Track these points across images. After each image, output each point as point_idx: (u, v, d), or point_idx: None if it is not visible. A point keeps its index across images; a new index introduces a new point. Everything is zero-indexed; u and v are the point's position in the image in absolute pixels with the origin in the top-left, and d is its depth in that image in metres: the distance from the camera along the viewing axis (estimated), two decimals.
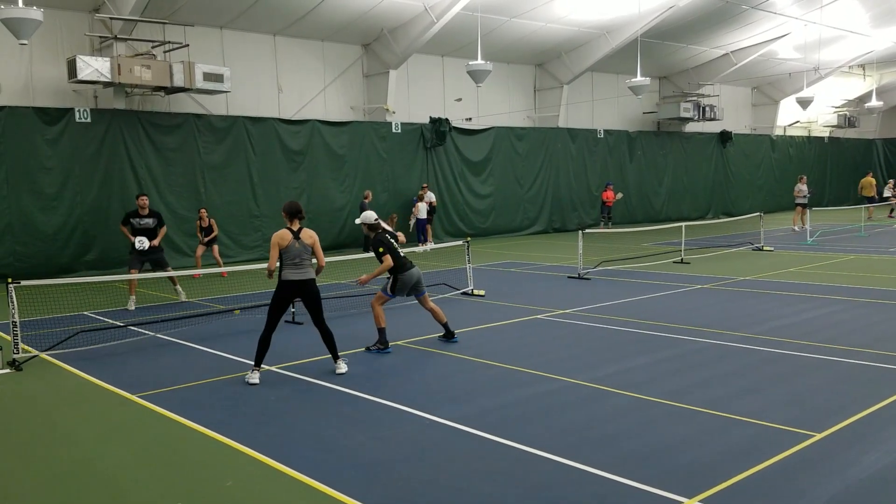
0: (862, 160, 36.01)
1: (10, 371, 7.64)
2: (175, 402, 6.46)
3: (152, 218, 11.43)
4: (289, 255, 7.02)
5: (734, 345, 8.11)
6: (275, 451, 5.20)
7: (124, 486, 4.76)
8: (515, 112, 23.56)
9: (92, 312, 11.00)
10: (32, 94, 15.08)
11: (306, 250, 7.10)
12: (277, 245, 7.00)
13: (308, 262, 7.14)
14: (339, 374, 7.17)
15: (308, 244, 7.11)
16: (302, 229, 7.16)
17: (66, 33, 15.26)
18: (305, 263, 7.11)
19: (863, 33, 25.43)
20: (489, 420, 5.78)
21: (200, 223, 15.07)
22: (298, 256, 7.05)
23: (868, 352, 7.66)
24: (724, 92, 29.48)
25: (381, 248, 8.26)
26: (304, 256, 7.08)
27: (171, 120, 16.47)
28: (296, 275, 7.05)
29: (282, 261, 7.06)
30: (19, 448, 5.53)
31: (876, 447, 5.08)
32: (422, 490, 4.59)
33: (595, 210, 25.49)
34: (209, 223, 14.99)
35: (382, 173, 20.09)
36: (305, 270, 7.11)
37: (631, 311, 10.20)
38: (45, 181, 14.83)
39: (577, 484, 4.61)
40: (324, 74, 19.40)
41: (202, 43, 16.80)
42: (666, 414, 5.87)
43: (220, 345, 8.65)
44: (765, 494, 4.39)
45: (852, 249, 17.25)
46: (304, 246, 7.08)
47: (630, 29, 21.01)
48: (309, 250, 7.13)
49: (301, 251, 7.06)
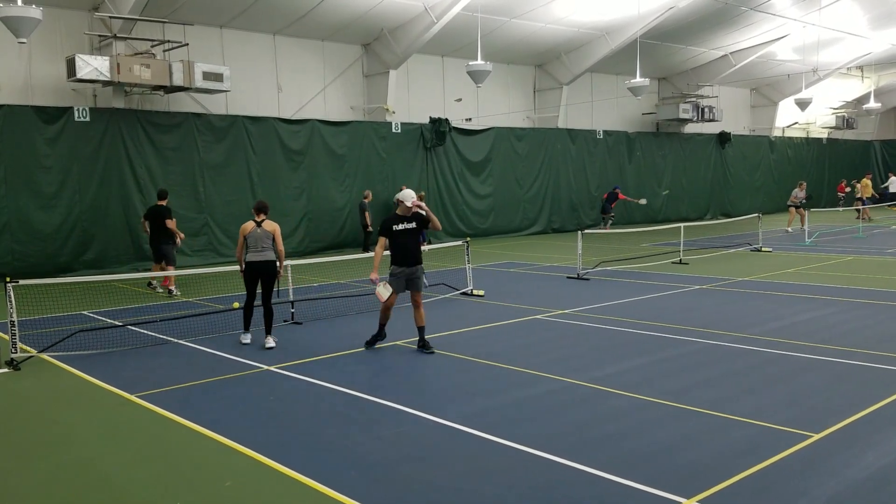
0: (860, 162, 36.07)
1: (9, 371, 7.63)
2: (174, 401, 6.45)
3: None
4: (251, 241, 8.37)
5: (733, 345, 8.12)
6: (274, 452, 5.20)
7: (123, 486, 4.76)
8: (515, 112, 23.57)
9: (90, 312, 10.98)
10: (31, 92, 15.06)
11: (267, 236, 8.35)
12: (242, 233, 8.40)
13: (268, 248, 8.38)
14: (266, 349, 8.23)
15: (269, 231, 8.37)
16: (265, 221, 8.43)
17: (66, 32, 15.24)
18: (265, 248, 8.36)
19: (861, 35, 25.47)
20: (489, 420, 5.79)
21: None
22: (259, 243, 8.35)
23: (866, 352, 7.67)
24: (723, 93, 29.51)
25: (380, 228, 8.14)
26: (265, 243, 8.36)
27: (170, 119, 16.45)
28: (256, 257, 8.37)
29: (247, 247, 8.40)
30: (18, 448, 5.53)
31: (874, 447, 5.09)
32: (421, 490, 4.59)
33: (594, 210, 25.51)
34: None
35: (382, 173, 20.08)
36: (265, 253, 8.36)
37: (630, 311, 10.21)
38: (43, 180, 14.80)
39: (576, 484, 4.62)
40: (324, 74, 19.39)
41: (202, 42, 16.79)
42: (665, 414, 5.88)
43: (219, 345, 8.64)
44: (763, 495, 4.40)
45: (850, 250, 17.28)
46: (264, 232, 8.35)
47: (629, 30, 21.03)
48: (270, 237, 8.36)
49: (261, 237, 8.34)
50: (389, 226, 7.98)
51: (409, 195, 8.22)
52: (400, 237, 7.98)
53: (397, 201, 8.15)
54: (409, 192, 8.25)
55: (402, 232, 7.98)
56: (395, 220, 8.03)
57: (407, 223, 8.01)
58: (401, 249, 7.99)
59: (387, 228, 7.98)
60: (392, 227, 7.98)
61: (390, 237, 7.98)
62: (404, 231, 7.99)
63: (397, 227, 7.98)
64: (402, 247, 7.98)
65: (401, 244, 7.98)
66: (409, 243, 8.01)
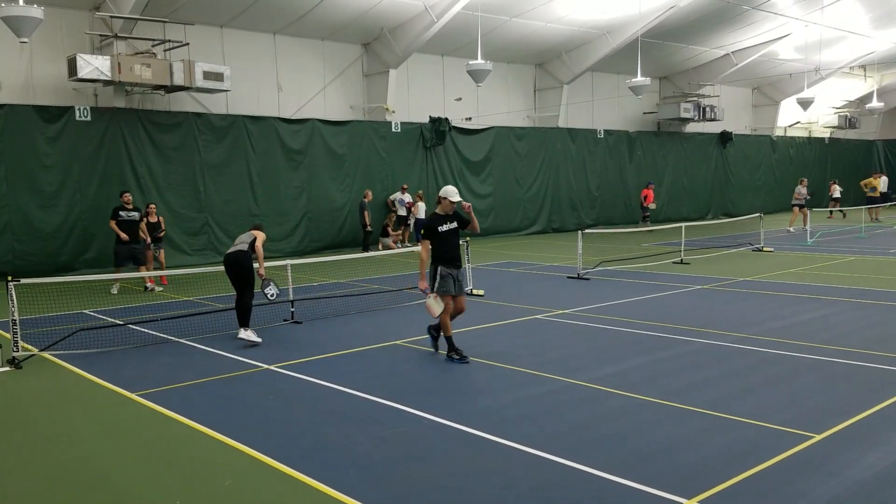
0: (862, 161, 36.02)
1: (10, 369, 7.64)
2: (174, 400, 6.45)
3: (137, 212, 13.17)
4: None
5: (733, 345, 8.10)
6: (274, 451, 5.19)
7: (123, 485, 4.76)
8: (515, 112, 23.55)
9: (91, 311, 10.99)
10: (32, 92, 15.07)
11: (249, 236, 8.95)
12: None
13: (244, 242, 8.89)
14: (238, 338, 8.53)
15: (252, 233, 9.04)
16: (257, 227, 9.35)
17: (67, 31, 15.24)
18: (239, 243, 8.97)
19: (864, 34, 25.43)
20: (488, 420, 5.78)
21: (148, 219, 13.71)
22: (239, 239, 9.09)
23: (867, 353, 7.65)
24: (725, 92, 29.47)
25: (422, 230, 7.69)
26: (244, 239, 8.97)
27: (170, 119, 16.46)
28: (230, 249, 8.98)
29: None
30: (18, 446, 5.53)
31: (875, 448, 5.08)
32: (421, 490, 4.58)
33: (594, 210, 25.51)
34: (158, 220, 13.89)
35: (382, 173, 20.08)
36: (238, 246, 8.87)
37: (630, 311, 10.19)
38: (44, 179, 14.82)
39: (575, 484, 4.61)
40: (324, 73, 19.39)
41: (202, 42, 16.79)
42: (665, 414, 5.87)
43: (220, 343, 8.65)
44: (764, 495, 4.39)
45: (852, 250, 17.25)
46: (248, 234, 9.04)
47: (630, 29, 21.01)
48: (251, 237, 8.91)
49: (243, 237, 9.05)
50: (434, 227, 7.57)
51: (453, 191, 7.73)
52: (446, 238, 7.59)
53: (439, 199, 7.71)
54: (451, 188, 7.78)
55: (449, 232, 7.61)
56: (438, 220, 7.63)
57: (450, 223, 7.65)
58: (448, 250, 7.60)
59: (432, 230, 7.56)
60: (437, 227, 7.57)
61: (435, 239, 7.55)
62: (450, 231, 7.62)
63: (442, 228, 7.58)
64: (450, 248, 7.60)
65: (447, 245, 7.59)
66: (455, 243, 7.66)
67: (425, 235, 7.61)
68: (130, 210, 13.05)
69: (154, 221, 13.95)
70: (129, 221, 12.97)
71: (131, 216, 13.02)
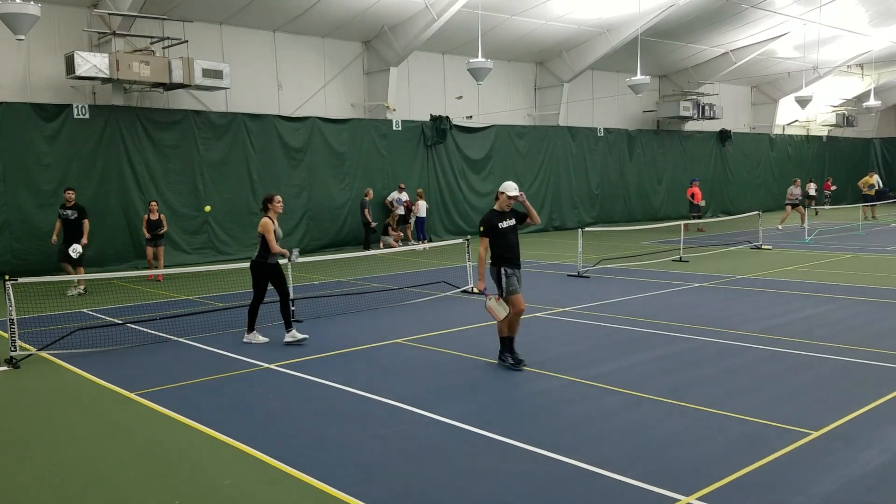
0: (860, 159, 36.04)
1: (8, 369, 7.63)
2: (173, 399, 6.45)
3: (77, 210, 12.68)
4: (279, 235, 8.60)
5: (732, 343, 8.12)
6: (273, 450, 5.20)
7: (122, 484, 4.76)
8: (516, 110, 23.55)
9: (90, 310, 10.99)
10: (30, 89, 15.04)
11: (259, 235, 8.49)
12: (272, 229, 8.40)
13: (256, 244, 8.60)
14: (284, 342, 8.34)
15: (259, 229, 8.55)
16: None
17: (64, 29, 15.21)
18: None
19: (861, 33, 25.44)
20: (488, 418, 5.79)
21: (149, 216, 14.02)
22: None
23: (865, 350, 7.67)
24: (724, 91, 29.48)
25: (481, 227, 7.24)
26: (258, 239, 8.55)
27: (169, 116, 16.43)
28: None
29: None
30: (17, 446, 5.53)
31: (872, 445, 5.09)
32: (421, 488, 4.59)
33: (595, 208, 25.51)
34: (159, 217, 14.09)
35: (383, 171, 20.07)
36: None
37: (629, 309, 10.21)
38: (42, 178, 14.79)
39: (575, 481, 4.62)
40: (324, 71, 19.37)
41: (201, 39, 16.76)
42: (664, 412, 5.88)
43: (219, 343, 8.65)
44: (762, 492, 4.40)
45: (850, 248, 17.27)
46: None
47: (630, 27, 21.00)
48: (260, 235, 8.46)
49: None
50: (494, 224, 7.21)
51: (510, 186, 7.35)
52: (505, 235, 7.25)
53: (497, 195, 7.36)
54: (510, 183, 7.39)
55: (508, 229, 7.26)
56: (497, 217, 7.26)
57: (509, 219, 7.30)
58: (510, 248, 7.24)
59: (492, 227, 7.19)
60: (497, 224, 7.21)
61: (495, 236, 7.21)
62: (509, 228, 7.27)
63: (502, 225, 7.23)
64: (511, 245, 7.24)
65: (508, 243, 7.24)
66: (515, 240, 7.30)
67: (484, 233, 7.24)
68: (69, 208, 12.65)
69: (155, 219, 14.09)
70: (67, 220, 12.60)
71: (65, 214, 12.66)
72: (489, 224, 7.22)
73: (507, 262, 7.22)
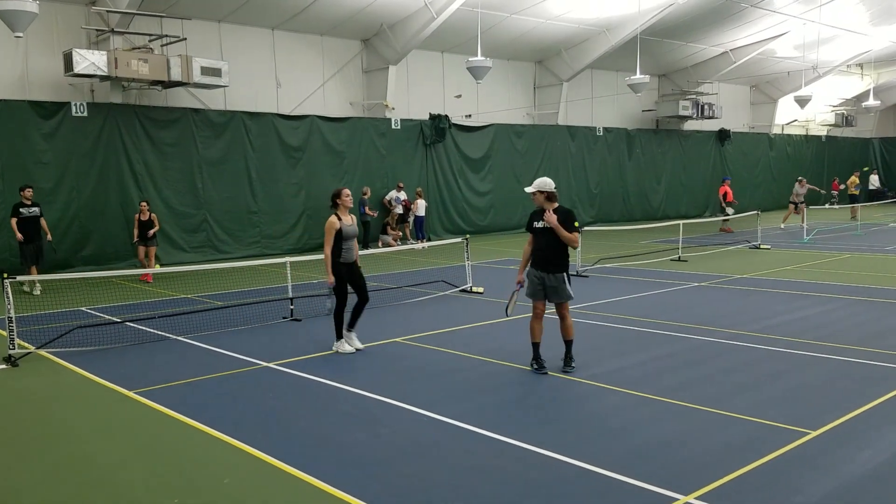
0: (859, 159, 36.06)
1: (7, 367, 7.62)
2: (172, 398, 6.44)
3: (37, 207, 12.69)
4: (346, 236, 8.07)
5: (731, 342, 8.12)
6: (273, 448, 5.19)
7: (121, 483, 4.75)
8: (515, 109, 23.53)
9: (88, 308, 10.97)
10: (28, 87, 15.00)
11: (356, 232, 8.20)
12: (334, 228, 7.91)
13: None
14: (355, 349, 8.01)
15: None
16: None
17: (63, 26, 15.18)
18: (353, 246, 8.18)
19: (861, 32, 25.45)
20: (487, 417, 5.79)
21: (140, 216, 13.82)
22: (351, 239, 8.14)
23: (863, 349, 7.67)
24: (723, 90, 29.48)
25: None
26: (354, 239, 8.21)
27: (168, 114, 16.41)
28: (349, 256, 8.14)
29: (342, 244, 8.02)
30: (16, 444, 5.52)
31: (871, 444, 5.09)
32: (420, 487, 4.59)
33: (594, 207, 25.51)
34: (150, 217, 13.89)
35: (381, 170, 20.05)
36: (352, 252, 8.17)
37: (628, 308, 10.21)
38: (40, 176, 14.74)
39: (574, 481, 4.62)
40: (323, 69, 19.34)
41: (200, 37, 16.73)
42: (662, 411, 5.88)
43: (218, 341, 8.64)
44: (761, 491, 4.40)
45: (848, 248, 17.29)
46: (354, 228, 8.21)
47: (630, 26, 21.00)
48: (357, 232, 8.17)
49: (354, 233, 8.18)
50: (531, 222, 7.02)
51: (538, 183, 7.00)
52: (537, 235, 6.96)
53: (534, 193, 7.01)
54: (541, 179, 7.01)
55: (540, 231, 6.92)
56: (535, 215, 7.03)
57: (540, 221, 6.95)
58: (538, 250, 6.97)
59: (529, 225, 7.04)
60: (532, 223, 7.01)
61: (533, 235, 7.02)
62: (541, 229, 6.90)
63: (537, 225, 6.96)
64: (539, 247, 6.96)
65: (538, 244, 6.96)
66: (543, 244, 6.90)
67: (526, 229, 7.15)
68: (30, 206, 12.51)
69: (146, 219, 13.96)
70: (29, 218, 12.45)
71: (31, 212, 12.51)
72: (528, 221, 7.10)
73: (534, 264, 7.04)
